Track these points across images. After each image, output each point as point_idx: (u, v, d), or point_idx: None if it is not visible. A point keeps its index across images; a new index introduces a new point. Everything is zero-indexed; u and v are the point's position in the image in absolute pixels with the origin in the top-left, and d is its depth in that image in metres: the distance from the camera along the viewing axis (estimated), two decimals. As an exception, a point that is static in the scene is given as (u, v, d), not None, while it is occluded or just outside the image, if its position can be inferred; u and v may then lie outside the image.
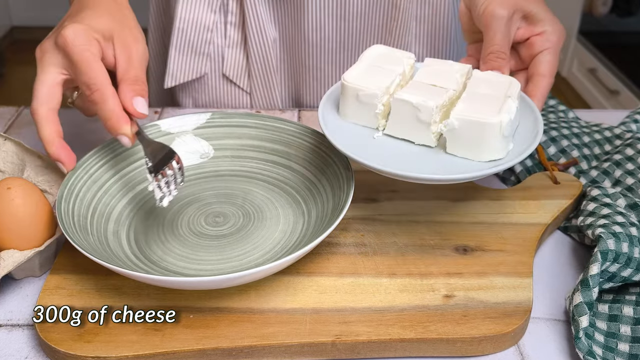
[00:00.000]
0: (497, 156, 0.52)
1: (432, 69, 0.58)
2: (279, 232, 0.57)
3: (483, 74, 0.57)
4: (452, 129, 0.52)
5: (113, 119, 0.53)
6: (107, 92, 0.53)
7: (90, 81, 0.53)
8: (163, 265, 0.53)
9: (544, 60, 0.58)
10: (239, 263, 0.54)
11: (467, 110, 0.52)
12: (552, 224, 0.60)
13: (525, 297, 0.51)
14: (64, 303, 0.50)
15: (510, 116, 0.51)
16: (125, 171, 0.60)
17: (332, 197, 0.56)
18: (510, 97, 0.53)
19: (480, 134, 0.51)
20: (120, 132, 0.54)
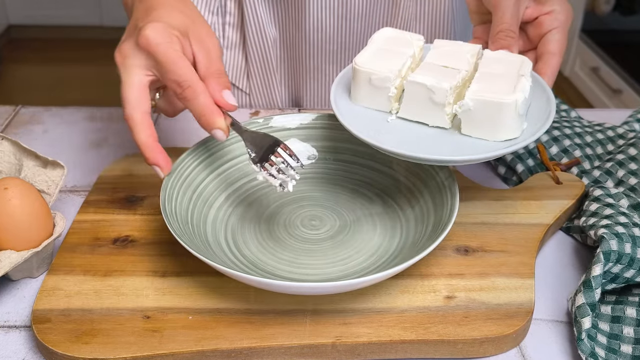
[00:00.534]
0: (512, 135, 0.53)
1: (443, 50, 0.58)
2: (377, 236, 0.57)
3: (494, 54, 0.57)
4: (467, 110, 0.52)
5: (207, 113, 0.53)
6: (198, 88, 0.52)
7: (180, 78, 0.52)
8: (269, 270, 0.54)
9: (553, 39, 0.59)
10: (344, 267, 0.54)
11: (481, 90, 0.52)
12: (554, 225, 0.60)
13: (527, 298, 0.51)
14: (61, 304, 0.50)
15: (525, 95, 0.51)
16: (218, 172, 0.61)
17: (432, 202, 0.56)
18: (523, 75, 0.53)
19: (496, 114, 0.51)
20: (216, 126, 0.53)
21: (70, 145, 0.73)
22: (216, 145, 0.61)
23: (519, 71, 0.54)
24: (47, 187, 0.59)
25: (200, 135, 0.70)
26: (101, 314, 0.49)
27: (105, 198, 0.62)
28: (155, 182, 0.64)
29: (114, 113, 0.79)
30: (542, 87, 0.57)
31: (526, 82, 0.53)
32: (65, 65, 2.83)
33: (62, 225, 0.55)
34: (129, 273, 0.53)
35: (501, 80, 0.53)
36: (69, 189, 0.66)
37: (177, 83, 0.52)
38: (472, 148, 0.53)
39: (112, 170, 0.66)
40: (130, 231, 0.58)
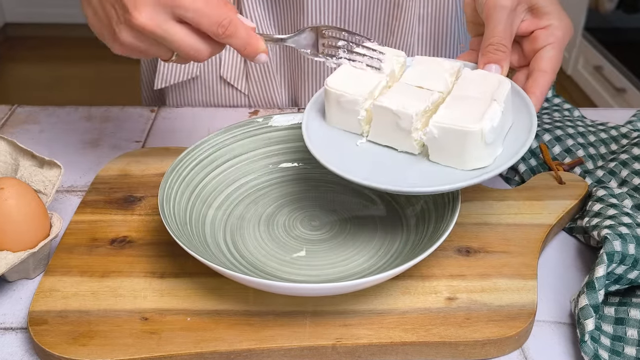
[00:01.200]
0: (481, 164, 0.51)
1: (421, 68, 0.57)
2: (378, 237, 0.57)
3: (473, 73, 0.56)
4: (432, 137, 0.51)
5: (252, 41, 0.53)
6: (237, 22, 0.52)
7: (220, 18, 0.51)
8: (268, 271, 0.54)
9: (546, 55, 0.57)
10: (345, 268, 0.54)
11: (447, 117, 0.50)
12: (557, 225, 0.60)
13: (529, 299, 0.51)
14: (58, 306, 0.50)
15: (492, 123, 0.49)
16: (217, 172, 0.61)
17: (433, 203, 0.56)
18: (495, 100, 0.51)
19: (461, 143, 0.49)
20: (261, 49, 0.53)
21: (67, 145, 0.73)
22: (215, 145, 0.61)
23: (494, 95, 0.52)
24: (44, 187, 0.59)
25: (198, 134, 0.71)
26: (98, 316, 0.49)
27: (102, 198, 0.62)
28: (153, 181, 0.64)
29: (111, 112, 0.79)
30: (527, 107, 0.55)
31: (497, 108, 0.50)
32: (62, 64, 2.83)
33: (58, 225, 0.55)
34: (127, 274, 0.53)
35: (472, 105, 0.51)
36: (65, 189, 0.66)
37: (218, 24, 0.51)
38: (438, 177, 0.51)
39: (110, 170, 0.66)
40: (128, 232, 0.58)
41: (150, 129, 0.76)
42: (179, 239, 0.49)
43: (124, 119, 0.78)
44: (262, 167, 0.63)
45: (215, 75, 0.81)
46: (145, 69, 0.90)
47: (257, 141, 0.63)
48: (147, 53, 0.53)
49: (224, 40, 0.52)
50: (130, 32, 0.51)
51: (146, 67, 0.90)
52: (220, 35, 0.51)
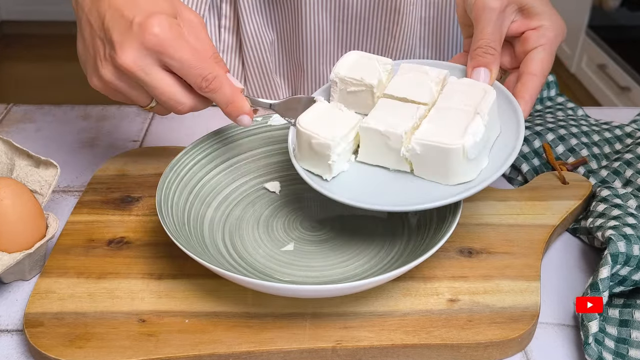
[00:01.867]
0: (465, 179, 0.51)
1: (406, 78, 0.56)
2: (379, 237, 0.57)
3: (459, 83, 0.55)
4: (414, 154, 0.51)
5: (235, 100, 0.53)
6: (223, 78, 0.51)
7: (205, 72, 0.50)
8: (267, 272, 0.54)
9: (536, 57, 0.56)
10: (345, 269, 0.54)
11: (429, 132, 0.50)
12: (561, 226, 0.60)
13: (532, 301, 0.51)
14: (54, 307, 0.50)
15: (475, 138, 0.49)
16: (215, 172, 0.61)
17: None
18: (479, 113, 0.51)
19: (444, 159, 0.50)
20: (244, 111, 0.53)
21: (63, 144, 0.73)
22: (213, 144, 0.61)
23: (478, 107, 0.51)
24: (40, 187, 0.59)
25: (196, 133, 0.71)
26: (95, 318, 0.49)
27: (99, 198, 0.62)
28: (150, 181, 0.64)
29: (108, 111, 0.79)
30: (516, 114, 0.54)
31: (480, 123, 0.50)
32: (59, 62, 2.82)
33: (55, 226, 0.55)
34: (124, 275, 0.53)
35: (455, 119, 0.51)
36: (62, 189, 0.66)
37: (202, 77, 0.51)
38: (421, 193, 0.51)
39: (107, 170, 0.66)
40: (125, 232, 0.58)
41: (148, 128, 0.76)
42: (177, 239, 0.49)
43: (121, 118, 0.78)
44: (261, 166, 0.63)
45: None
46: None
47: (256, 140, 0.63)
48: (126, 95, 0.53)
49: (207, 94, 0.52)
50: (113, 71, 0.51)
51: None
52: (204, 89, 0.51)
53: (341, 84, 0.56)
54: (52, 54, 2.90)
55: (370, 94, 0.56)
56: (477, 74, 0.56)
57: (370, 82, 0.55)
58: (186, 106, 0.53)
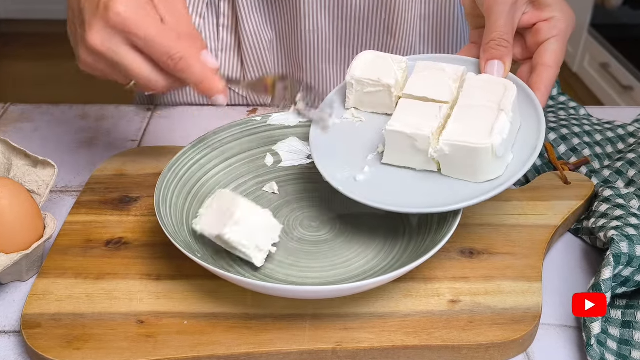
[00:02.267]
0: (493, 176, 0.52)
1: (423, 76, 0.56)
2: (380, 238, 0.57)
3: (477, 79, 0.55)
4: (443, 155, 0.52)
5: (205, 79, 0.52)
6: (191, 57, 0.51)
7: (171, 51, 0.50)
8: (267, 273, 0.53)
9: (550, 49, 0.56)
10: (345, 270, 0.54)
11: (456, 132, 0.51)
12: (563, 226, 0.60)
13: (534, 302, 0.51)
14: (52, 309, 0.50)
15: (502, 136, 0.50)
16: (214, 171, 0.61)
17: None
18: (503, 110, 0.51)
19: (472, 159, 0.51)
20: (216, 90, 0.53)
21: (61, 144, 0.73)
22: (212, 144, 0.61)
23: (500, 103, 0.52)
24: (37, 188, 0.59)
25: (194, 133, 0.71)
26: (93, 319, 0.49)
27: (97, 199, 0.62)
28: (149, 181, 0.64)
29: (106, 111, 0.79)
30: (534, 106, 0.55)
31: (505, 120, 0.51)
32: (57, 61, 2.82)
33: (52, 226, 0.55)
34: (122, 276, 0.53)
35: (480, 118, 0.51)
36: (59, 189, 0.66)
37: (168, 56, 0.50)
38: (453, 194, 0.52)
39: (105, 170, 0.66)
40: (124, 233, 0.58)
41: (146, 127, 0.76)
42: (176, 240, 0.49)
43: (120, 117, 0.78)
44: (261, 166, 0.63)
45: None
46: None
47: (256, 140, 0.63)
48: (107, 75, 0.53)
49: (175, 74, 0.51)
50: (86, 52, 0.51)
51: None
52: (170, 68, 0.51)
53: (358, 85, 0.57)
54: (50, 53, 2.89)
55: (388, 94, 0.56)
56: (491, 66, 0.56)
57: (387, 82, 0.56)
58: (160, 84, 0.52)
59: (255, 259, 0.52)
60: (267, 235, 0.52)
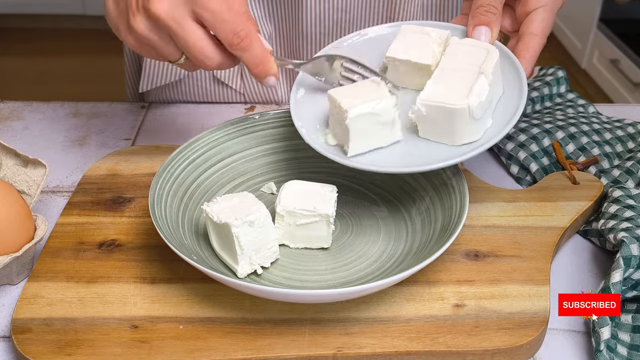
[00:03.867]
0: (471, 139, 0.53)
1: (408, 39, 0.58)
2: (382, 240, 0.57)
3: (460, 43, 0.57)
4: (420, 115, 0.53)
5: (265, 61, 0.54)
6: (254, 36, 0.52)
7: (238, 27, 0.51)
8: (265, 276, 0.53)
9: (537, 18, 0.58)
10: (346, 274, 0.54)
11: (434, 93, 0.52)
12: (571, 228, 0.60)
13: (541, 306, 0.51)
14: (43, 313, 0.50)
15: (480, 98, 0.51)
16: (210, 171, 0.61)
17: (440, 203, 0.56)
18: (483, 73, 0.53)
19: (449, 119, 0.52)
20: (272, 72, 0.55)
21: (52, 143, 0.73)
22: (209, 143, 0.61)
23: (481, 67, 0.54)
24: (28, 188, 0.59)
25: (190, 132, 0.71)
26: (86, 324, 0.49)
27: (89, 199, 0.62)
28: (143, 182, 0.64)
29: (99, 108, 0.79)
30: (518, 73, 0.56)
31: (484, 82, 0.52)
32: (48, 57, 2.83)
33: (43, 228, 0.55)
34: (116, 279, 0.53)
35: (459, 79, 0.53)
36: (51, 190, 0.66)
37: (235, 33, 0.52)
38: (429, 155, 0.53)
39: (97, 170, 0.66)
40: (117, 235, 0.58)
41: (141, 126, 0.76)
42: (171, 242, 0.49)
43: (113, 115, 0.78)
44: (259, 166, 0.63)
45: (208, 75, 0.81)
46: (129, 69, 0.90)
47: (254, 139, 0.63)
48: (158, 50, 0.54)
49: (237, 52, 0.53)
50: (146, 22, 0.51)
51: (130, 68, 0.90)
52: (235, 46, 0.52)
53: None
54: (41, 48, 2.90)
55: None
56: (478, 32, 0.57)
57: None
58: (214, 62, 0.54)
59: (240, 268, 0.52)
60: (264, 255, 0.53)
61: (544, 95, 0.78)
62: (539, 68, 0.85)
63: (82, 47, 2.82)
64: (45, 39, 2.96)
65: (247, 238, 0.51)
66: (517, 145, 0.68)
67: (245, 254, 0.51)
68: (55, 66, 2.75)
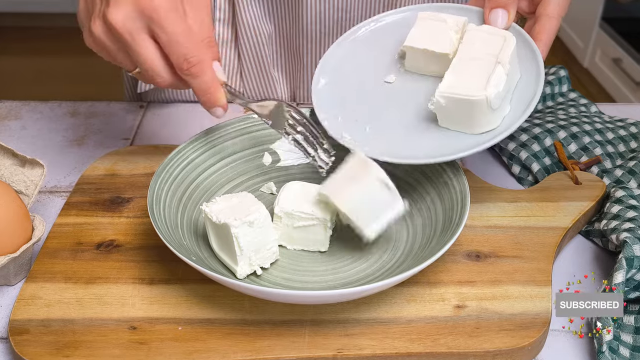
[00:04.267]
0: (489, 128, 0.55)
1: (425, 27, 0.59)
2: (382, 239, 0.56)
3: (477, 30, 0.57)
4: (439, 107, 0.54)
5: (212, 91, 0.54)
6: (206, 65, 0.52)
7: (190, 53, 0.51)
8: (265, 277, 0.53)
9: (553, 1, 0.58)
10: (347, 274, 0.54)
11: (452, 85, 0.53)
12: (573, 228, 0.60)
13: (543, 307, 0.51)
14: (40, 314, 0.50)
15: (497, 89, 0.52)
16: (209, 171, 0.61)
17: (441, 203, 0.56)
18: (500, 62, 0.54)
19: (468, 110, 0.53)
20: (219, 103, 0.55)
21: (50, 143, 0.73)
22: (208, 143, 0.61)
23: (499, 56, 0.54)
24: (25, 188, 0.59)
25: (189, 131, 0.71)
26: (84, 325, 0.49)
27: (88, 199, 0.62)
28: (142, 182, 0.64)
29: (97, 108, 0.79)
30: (535, 58, 0.57)
31: (501, 72, 0.53)
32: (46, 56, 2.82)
33: (41, 228, 0.55)
34: (114, 280, 0.53)
35: (477, 69, 0.54)
36: (48, 190, 0.66)
37: (185, 58, 0.51)
38: (450, 145, 0.54)
39: (96, 170, 0.66)
40: (115, 235, 0.58)
41: (139, 125, 0.76)
42: (170, 243, 0.49)
43: (111, 114, 0.78)
44: (258, 166, 0.63)
45: None
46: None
47: (253, 138, 0.63)
48: (113, 57, 0.54)
49: (186, 77, 0.53)
50: (102, 27, 0.52)
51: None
52: (184, 70, 0.52)
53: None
54: (39, 48, 2.89)
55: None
56: (495, 15, 0.58)
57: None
58: (165, 81, 0.54)
59: (239, 269, 0.52)
60: (263, 255, 0.53)
61: (546, 94, 0.78)
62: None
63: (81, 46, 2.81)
64: (43, 38, 2.96)
65: (247, 238, 0.51)
66: (519, 145, 0.68)
67: (245, 254, 0.51)
68: (53, 65, 2.75)
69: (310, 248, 0.56)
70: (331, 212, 0.54)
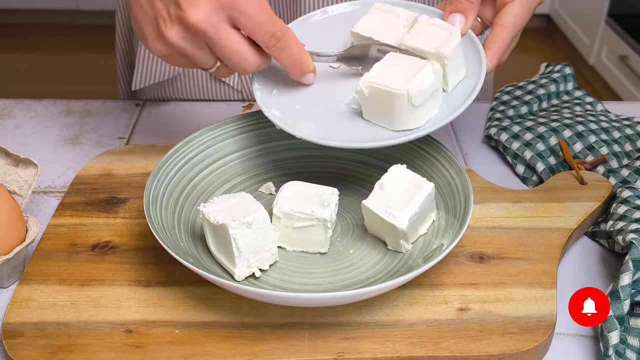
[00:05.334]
0: (410, 126, 0.54)
1: (375, 17, 0.60)
2: (383, 241, 0.57)
3: (427, 22, 0.58)
4: (363, 96, 0.54)
5: (303, 59, 0.56)
6: (290, 34, 0.54)
7: (275, 28, 0.53)
8: (264, 279, 0.53)
9: (511, 11, 0.58)
10: (347, 276, 0.54)
11: (378, 76, 0.53)
12: (578, 229, 0.60)
13: (548, 310, 0.51)
14: (34, 317, 0.50)
15: (422, 86, 0.52)
16: (207, 171, 0.61)
17: (443, 203, 0.56)
18: (430, 62, 0.54)
19: (389, 103, 0.53)
20: (310, 69, 0.57)
21: (44, 142, 0.73)
22: (206, 142, 0.61)
23: (440, 49, 0.54)
24: (19, 188, 0.59)
25: (186, 130, 0.71)
26: (79, 328, 0.49)
27: (83, 200, 0.62)
28: (138, 182, 0.64)
29: (92, 106, 0.79)
30: (480, 64, 0.57)
31: (429, 71, 0.53)
32: (40, 54, 2.83)
33: (35, 230, 0.55)
34: (110, 282, 0.53)
35: (408, 64, 0.54)
36: (42, 190, 0.66)
37: (271, 34, 0.53)
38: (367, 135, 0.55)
39: (91, 169, 0.66)
40: (111, 236, 0.58)
41: (135, 124, 0.76)
42: (167, 244, 0.49)
43: (107, 113, 0.78)
44: (257, 165, 0.63)
45: (206, 72, 0.81)
46: (122, 67, 0.90)
47: (252, 137, 0.63)
48: (191, 58, 0.54)
49: (274, 53, 0.54)
50: (180, 32, 0.52)
51: (122, 65, 0.90)
52: (272, 47, 0.53)
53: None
54: (33, 45, 2.90)
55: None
56: (453, 19, 0.59)
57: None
58: (254, 65, 0.55)
59: (238, 271, 0.52)
60: (262, 257, 0.53)
61: (551, 92, 0.78)
62: (546, 65, 0.85)
63: (75, 43, 2.82)
64: (36, 34, 2.96)
65: (245, 240, 0.51)
66: (523, 144, 0.68)
67: (243, 256, 0.51)
68: (47, 63, 2.75)
69: (310, 249, 0.56)
70: (331, 212, 0.54)
